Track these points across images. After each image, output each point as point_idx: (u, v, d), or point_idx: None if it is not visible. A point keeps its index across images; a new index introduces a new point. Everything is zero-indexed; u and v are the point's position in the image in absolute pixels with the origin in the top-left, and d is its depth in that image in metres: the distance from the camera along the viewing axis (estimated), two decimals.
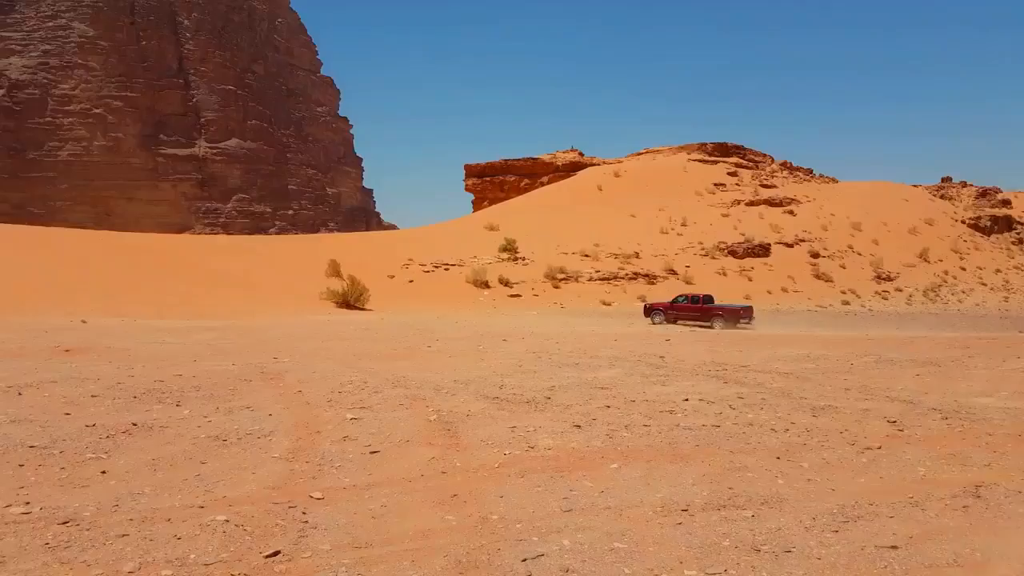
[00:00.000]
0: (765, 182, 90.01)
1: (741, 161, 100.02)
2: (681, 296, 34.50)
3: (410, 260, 51.56)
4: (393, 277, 45.85)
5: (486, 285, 46.59)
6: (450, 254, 54.46)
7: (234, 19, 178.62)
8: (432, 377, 12.63)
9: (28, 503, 5.93)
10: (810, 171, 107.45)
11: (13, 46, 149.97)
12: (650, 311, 33.94)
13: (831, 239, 67.99)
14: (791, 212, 75.32)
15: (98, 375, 11.70)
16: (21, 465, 6.94)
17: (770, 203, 77.86)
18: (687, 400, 10.79)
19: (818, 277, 59.53)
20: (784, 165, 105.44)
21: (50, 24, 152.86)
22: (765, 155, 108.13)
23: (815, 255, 63.88)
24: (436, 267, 50.42)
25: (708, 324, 31.20)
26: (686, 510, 6.18)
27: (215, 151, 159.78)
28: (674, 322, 32.28)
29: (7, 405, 9.32)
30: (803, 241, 66.51)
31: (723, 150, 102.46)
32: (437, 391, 11.25)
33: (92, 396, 10.05)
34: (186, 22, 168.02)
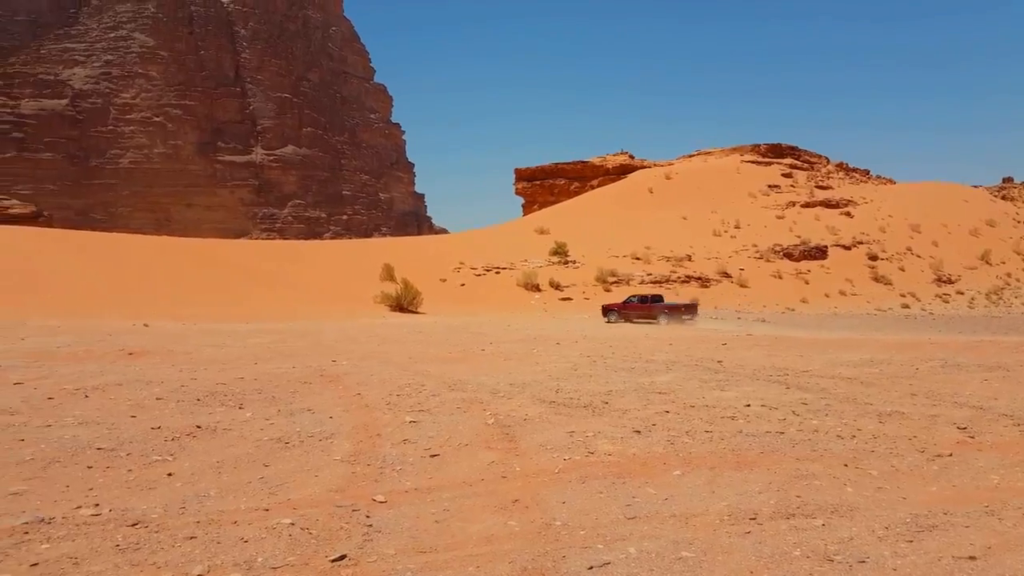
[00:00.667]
0: (821, 183, 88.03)
1: (796, 162, 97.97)
2: (632, 297, 37.08)
3: (461, 264, 51.86)
4: (445, 280, 46.16)
5: (537, 288, 46.56)
6: (501, 258, 54.59)
7: (289, 28, 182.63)
8: (487, 380, 12.61)
9: (98, 504, 6.05)
10: (867, 172, 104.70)
11: (76, 57, 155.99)
12: (607, 311, 35.82)
13: (889, 241, 66.08)
14: (848, 214, 73.48)
15: (161, 378, 11.98)
16: (90, 467, 7.08)
17: (826, 204, 76.11)
18: (749, 406, 10.54)
19: (876, 280, 57.90)
20: (840, 166, 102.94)
21: (112, 35, 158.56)
22: (820, 156, 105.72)
23: (873, 257, 62.17)
24: (487, 270, 50.60)
25: (655, 320, 33.72)
26: (754, 518, 6.02)
27: (271, 158, 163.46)
28: (628, 320, 34.35)
29: (74, 407, 9.55)
30: (861, 243, 64.80)
31: (777, 151, 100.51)
32: (493, 394, 11.23)
33: (156, 399, 10.28)
34: (243, 31, 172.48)
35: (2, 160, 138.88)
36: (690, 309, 34.77)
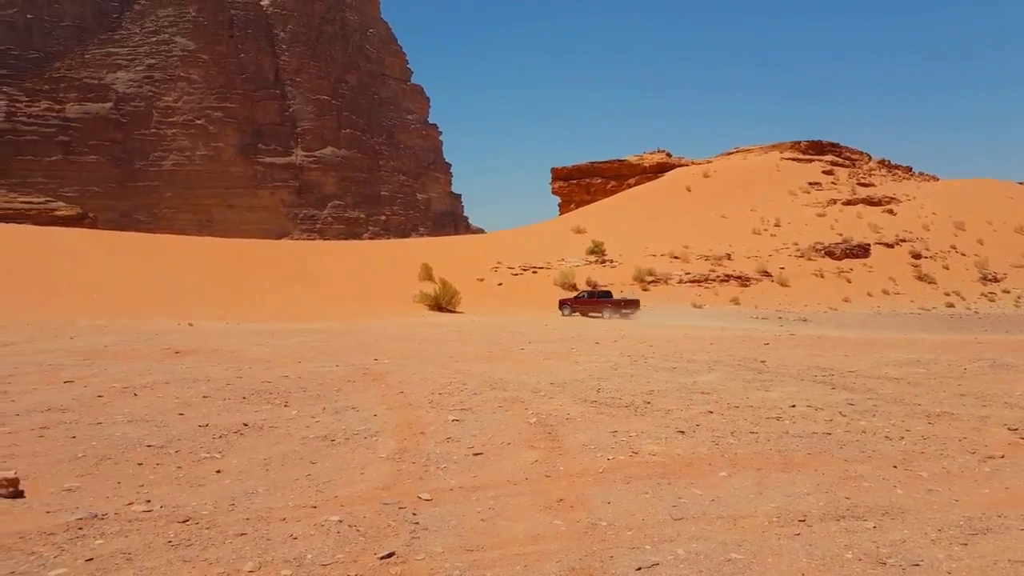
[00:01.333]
0: (862, 180, 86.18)
1: (837, 159, 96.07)
2: (583, 292, 40.27)
3: (498, 263, 51.93)
4: (482, 280, 46.26)
5: (574, 288, 46.41)
6: (538, 257, 54.54)
7: (327, 31, 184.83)
8: (528, 379, 12.60)
9: (149, 501, 6.14)
10: (909, 169, 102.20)
11: (120, 61, 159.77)
12: (562, 305, 38.49)
13: (933, 239, 64.43)
14: (891, 211, 71.85)
15: (208, 376, 12.18)
16: (140, 464, 7.20)
17: (868, 202, 74.52)
18: (794, 406, 10.37)
19: (920, 278, 56.51)
20: (882, 163, 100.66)
21: (154, 39, 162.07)
22: (862, 153, 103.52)
23: (917, 256, 60.70)
24: (524, 270, 50.60)
25: (600, 315, 36.54)
26: (803, 520, 5.92)
27: (311, 159, 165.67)
28: (584, 315, 37.03)
29: (124, 405, 9.73)
30: (904, 241, 63.30)
31: (818, 148, 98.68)
32: (535, 394, 11.21)
33: (204, 397, 10.45)
34: (282, 34, 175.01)
35: (49, 163, 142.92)
36: (630, 304, 37.53)
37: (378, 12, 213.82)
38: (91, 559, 4.94)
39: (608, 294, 39.31)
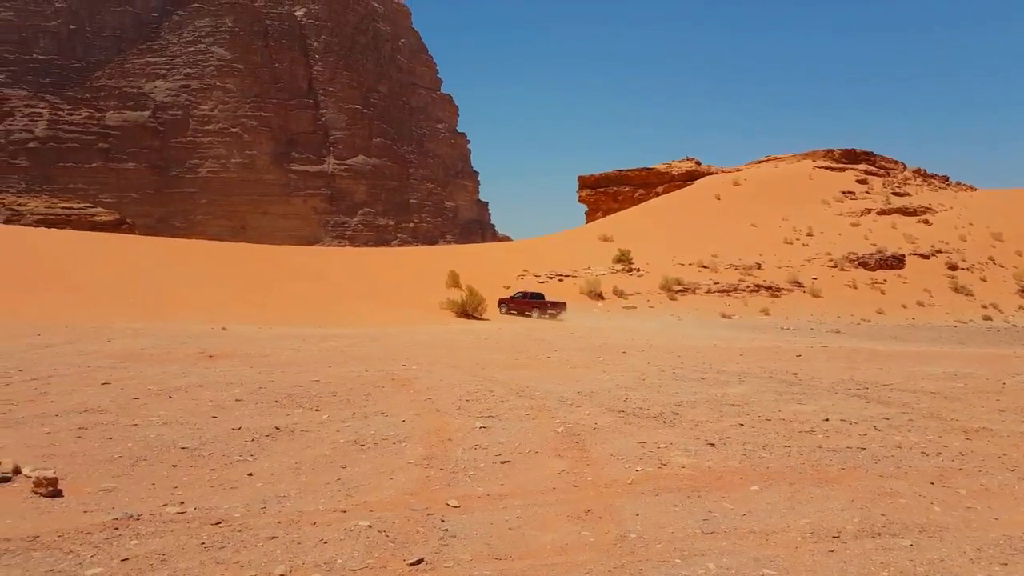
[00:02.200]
0: (897, 190, 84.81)
1: (871, 168, 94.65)
2: (519, 293, 42.19)
3: (525, 271, 51.98)
4: (509, 288, 46.32)
5: (600, 296, 46.29)
6: (564, 265, 54.50)
7: (360, 41, 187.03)
8: (555, 388, 12.57)
9: (183, 503, 6.22)
10: (945, 178, 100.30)
11: (158, 70, 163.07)
12: (501, 303, 40.89)
13: (970, 250, 63.13)
14: (926, 221, 70.62)
15: (241, 380, 12.33)
16: (174, 466, 7.29)
17: (903, 212, 73.32)
18: (827, 420, 10.22)
19: (957, 290, 55.38)
20: (917, 172, 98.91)
21: (191, 49, 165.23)
22: (896, 162, 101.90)
23: (953, 267, 59.52)
24: (550, 278, 50.59)
25: (531, 315, 39.22)
26: (837, 537, 5.83)
27: (343, 167, 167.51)
28: (518, 314, 39.70)
29: (159, 408, 9.86)
30: (940, 252, 62.12)
31: (851, 156, 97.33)
32: (561, 402, 11.18)
33: (236, 400, 10.57)
34: (315, 44, 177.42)
35: (89, 170, 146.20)
36: (557, 306, 39.84)
37: (410, 22, 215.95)
38: (127, 559, 5.02)
39: (540, 295, 41.69)
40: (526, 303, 40.27)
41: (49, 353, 15.01)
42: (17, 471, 6.67)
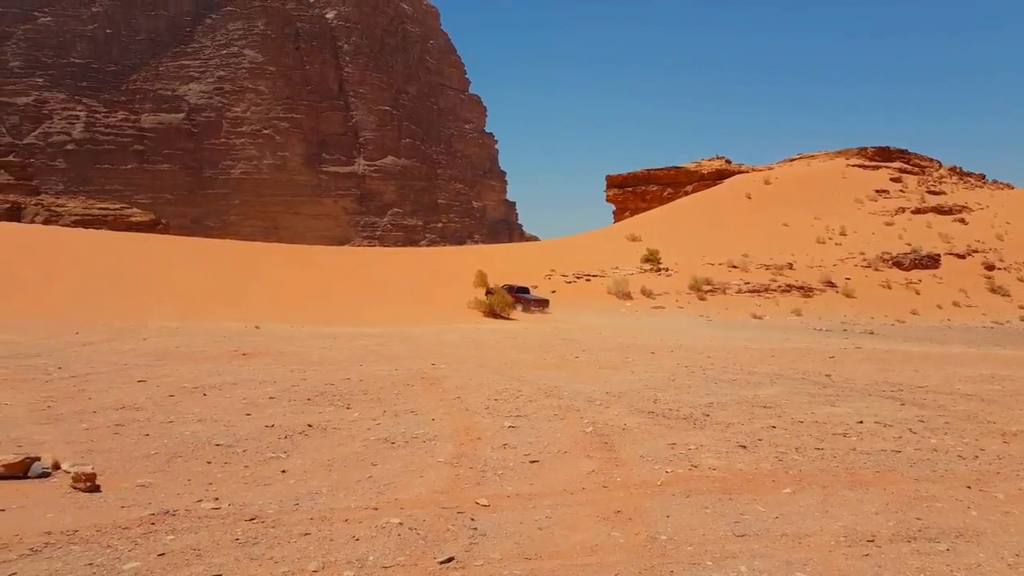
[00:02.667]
0: (932, 188, 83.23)
1: (905, 166, 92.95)
2: (504, 285, 42.31)
3: (552, 271, 51.89)
4: (536, 287, 46.26)
5: (628, 296, 46.03)
6: (591, 265, 54.31)
7: (389, 43, 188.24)
8: (583, 388, 12.53)
9: (217, 499, 6.31)
10: (982, 176, 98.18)
11: (192, 73, 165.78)
12: (488, 294, 41.18)
13: (1007, 250, 61.70)
14: (962, 220, 69.21)
15: (274, 378, 12.48)
16: (209, 462, 7.40)
17: (938, 211, 71.93)
18: (861, 422, 10.07)
19: (993, 291, 54.16)
20: (953, 170, 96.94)
21: (224, 52, 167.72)
22: (931, 160, 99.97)
23: (990, 267, 58.24)
24: (578, 278, 50.44)
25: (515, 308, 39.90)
26: (872, 541, 5.75)
27: (372, 168, 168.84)
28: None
29: (194, 405, 10.01)
30: (976, 252, 60.82)
31: (885, 155, 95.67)
32: (589, 402, 11.14)
33: (270, 398, 10.70)
34: (345, 47, 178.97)
35: (125, 171, 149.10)
36: (540, 303, 40.62)
37: (438, 24, 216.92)
38: (163, 554, 5.10)
39: (526, 290, 42.44)
40: (513, 297, 41.10)
41: (87, 351, 15.33)
42: (57, 466, 6.82)
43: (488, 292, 41.51)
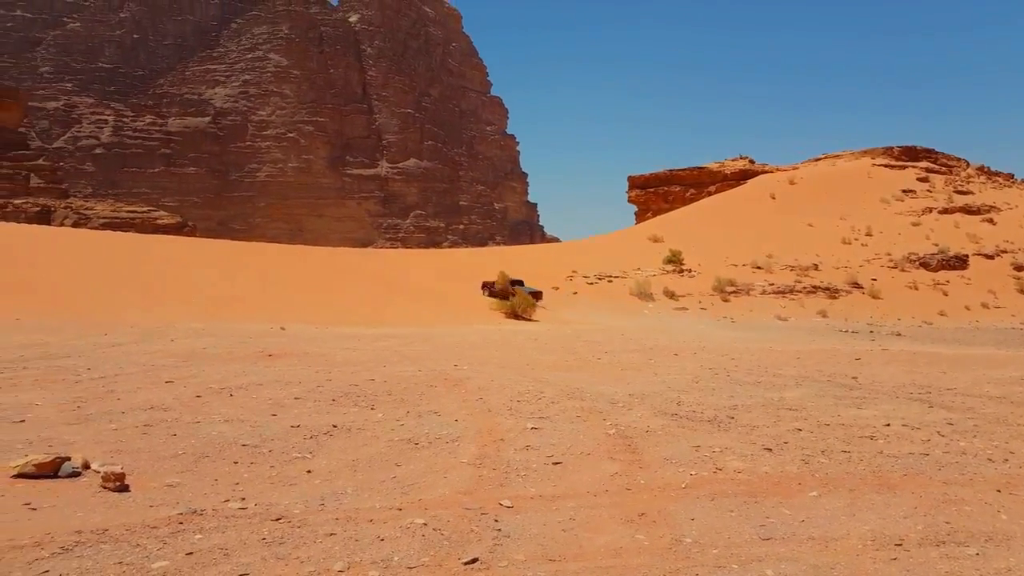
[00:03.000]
0: (960, 188, 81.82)
1: (932, 166, 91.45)
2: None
3: (574, 272, 51.75)
4: (557, 289, 46.20)
5: (651, 297, 45.78)
6: (613, 266, 54.09)
7: (412, 46, 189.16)
8: (606, 390, 12.50)
9: (244, 499, 6.37)
10: (1011, 176, 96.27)
11: (218, 77, 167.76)
12: (484, 286, 43.34)
13: None
14: (991, 220, 67.95)
15: (299, 379, 12.59)
16: (236, 462, 7.47)
17: (966, 211, 70.68)
18: (889, 425, 9.94)
19: (1023, 292, 53.17)
20: (981, 170, 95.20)
21: (249, 56, 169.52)
22: (959, 159, 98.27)
23: (1019, 268, 57.10)
24: (599, 279, 50.25)
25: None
26: (900, 544, 5.68)
27: (395, 171, 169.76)
28: (500, 297, 41.24)
29: (220, 405, 10.11)
30: (1005, 252, 59.66)
31: (912, 154, 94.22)
32: (612, 404, 11.11)
33: (295, 398, 10.80)
34: (369, 50, 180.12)
35: (152, 174, 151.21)
36: (534, 295, 40.72)
37: (460, 26, 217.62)
38: (191, 553, 5.16)
39: (520, 283, 42.82)
40: (505, 288, 42.62)
41: (115, 352, 15.55)
42: (86, 466, 6.92)
43: (484, 286, 43.15)
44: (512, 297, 40.07)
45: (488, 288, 42.85)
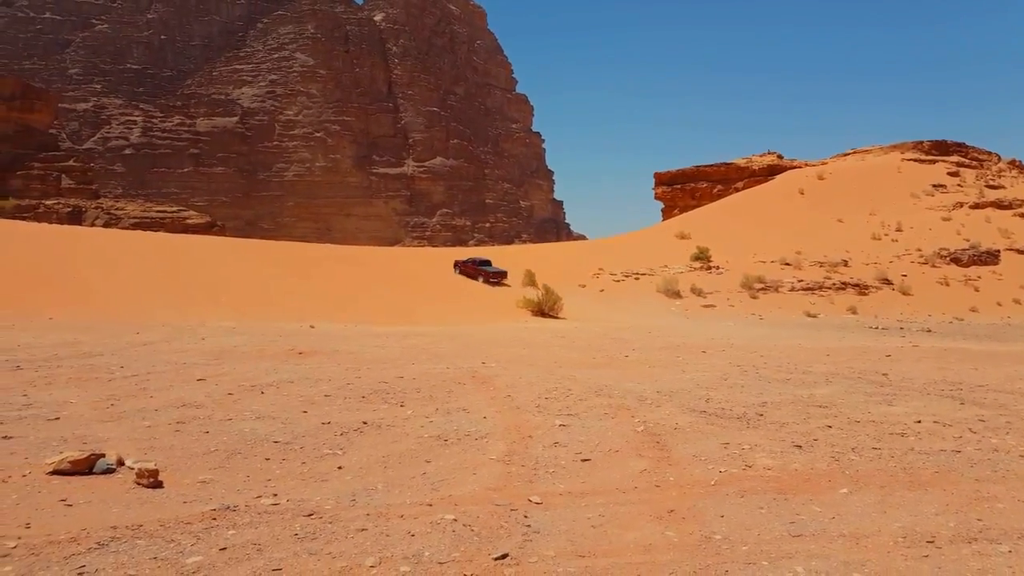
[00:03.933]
0: (991, 182, 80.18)
1: (963, 160, 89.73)
2: (469, 259, 47.64)
3: (600, 270, 51.61)
4: (584, 286, 46.14)
5: (678, 295, 45.51)
6: (640, 263, 53.85)
7: (437, 44, 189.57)
8: (633, 387, 12.48)
9: (276, 495, 6.46)
10: None
11: (245, 77, 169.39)
12: (456, 265, 47.48)
13: None
14: (1023, 215, 66.58)
15: (329, 376, 12.73)
16: (267, 459, 7.57)
17: (998, 205, 69.28)
18: (920, 422, 9.82)
19: None
20: (1013, 163, 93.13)
21: (276, 56, 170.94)
22: (991, 153, 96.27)
23: None
24: (626, 276, 50.06)
25: (477, 279, 44.61)
26: (931, 542, 5.63)
27: (421, 169, 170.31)
28: (471, 277, 45.14)
29: (252, 403, 10.25)
30: None
31: (942, 148, 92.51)
32: (640, 401, 11.09)
33: (325, 396, 10.92)
34: (394, 49, 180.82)
35: (181, 175, 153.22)
36: (498, 275, 44.54)
37: (485, 24, 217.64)
38: (224, 548, 5.25)
39: (488, 262, 46.46)
40: (474, 269, 45.66)
41: (147, 351, 15.82)
42: (121, 463, 7.05)
43: (456, 265, 47.08)
44: (479, 278, 44.03)
45: (459, 267, 46.77)
